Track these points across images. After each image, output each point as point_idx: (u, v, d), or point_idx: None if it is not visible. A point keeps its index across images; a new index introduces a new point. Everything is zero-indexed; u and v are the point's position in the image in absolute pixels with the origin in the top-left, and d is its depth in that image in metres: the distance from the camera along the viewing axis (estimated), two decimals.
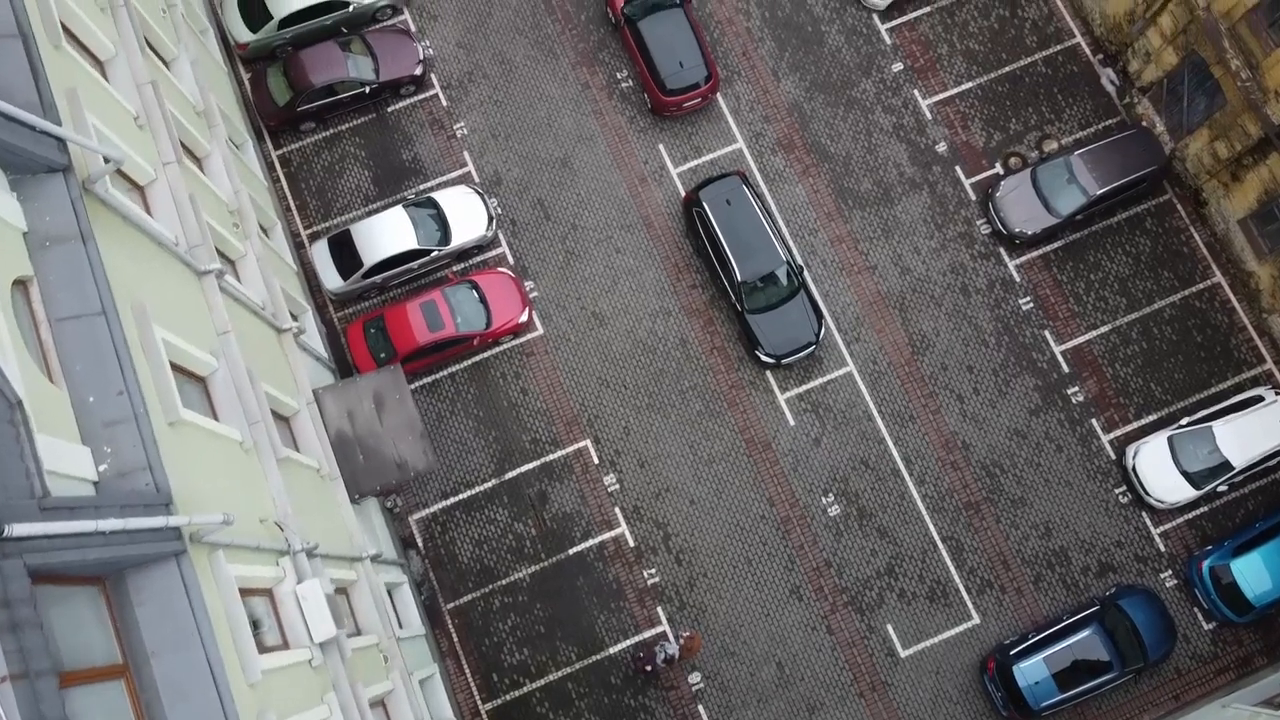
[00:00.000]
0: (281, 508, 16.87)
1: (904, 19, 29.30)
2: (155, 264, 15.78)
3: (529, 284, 27.43)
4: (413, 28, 29.16)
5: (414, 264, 26.55)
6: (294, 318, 25.27)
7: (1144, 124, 27.86)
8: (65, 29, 16.33)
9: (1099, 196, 26.38)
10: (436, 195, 26.93)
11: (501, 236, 27.78)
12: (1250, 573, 24.20)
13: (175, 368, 15.19)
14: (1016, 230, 26.74)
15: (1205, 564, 24.73)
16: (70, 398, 11.84)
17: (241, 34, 27.74)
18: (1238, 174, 25.84)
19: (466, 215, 26.85)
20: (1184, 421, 25.57)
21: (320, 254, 26.52)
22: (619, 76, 28.85)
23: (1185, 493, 25.11)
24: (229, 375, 16.79)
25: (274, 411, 19.77)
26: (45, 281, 12.25)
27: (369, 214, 27.77)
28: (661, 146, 28.35)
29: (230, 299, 18.96)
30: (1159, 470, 25.24)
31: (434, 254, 26.47)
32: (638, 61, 27.83)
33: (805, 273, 27.08)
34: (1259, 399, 25.46)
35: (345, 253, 26.35)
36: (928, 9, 29.34)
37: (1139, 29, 26.99)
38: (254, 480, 16.46)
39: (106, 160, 13.48)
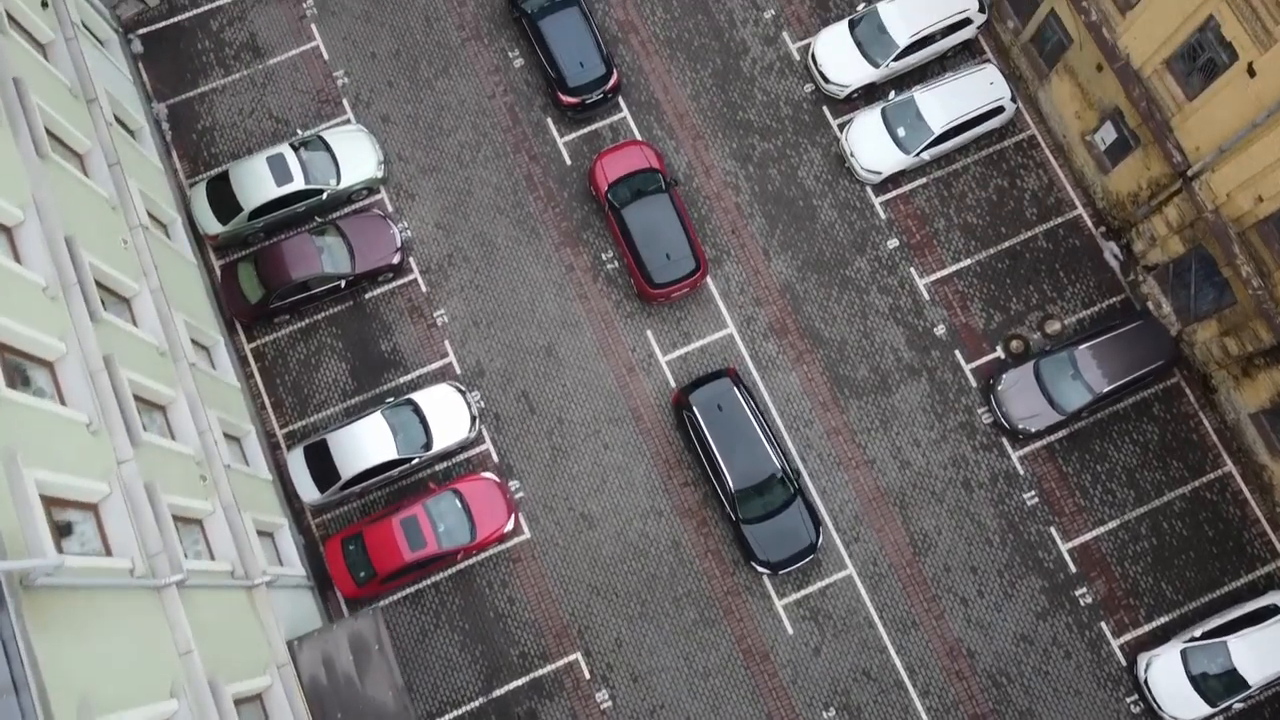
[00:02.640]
0: None
1: (899, 191, 28.27)
2: (104, 619, 14.67)
3: (514, 484, 26.34)
4: (390, 207, 28.08)
5: (394, 471, 25.47)
6: (268, 537, 24.25)
7: (1149, 303, 26.86)
8: (6, 348, 15.27)
9: (1105, 394, 25.36)
10: (417, 396, 25.83)
11: (485, 433, 26.70)
12: None
13: None
14: (1020, 426, 25.69)
15: None
16: None
17: (211, 226, 26.66)
18: (1249, 370, 24.84)
19: (448, 417, 25.76)
20: (1197, 633, 24.53)
21: (296, 464, 25.39)
22: (604, 258, 27.79)
23: (1200, 710, 24.06)
24: (190, 714, 15.74)
25: (243, 698, 18.76)
26: None
27: (347, 410, 26.69)
28: (650, 333, 27.30)
29: (193, 589, 17.93)
30: (1172, 685, 24.21)
31: (415, 461, 25.40)
32: (624, 251, 26.74)
33: (801, 477, 26.04)
34: (1274, 609, 24.42)
35: (322, 461, 25.26)
36: (923, 180, 28.32)
37: (1143, 213, 26.00)
38: None
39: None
